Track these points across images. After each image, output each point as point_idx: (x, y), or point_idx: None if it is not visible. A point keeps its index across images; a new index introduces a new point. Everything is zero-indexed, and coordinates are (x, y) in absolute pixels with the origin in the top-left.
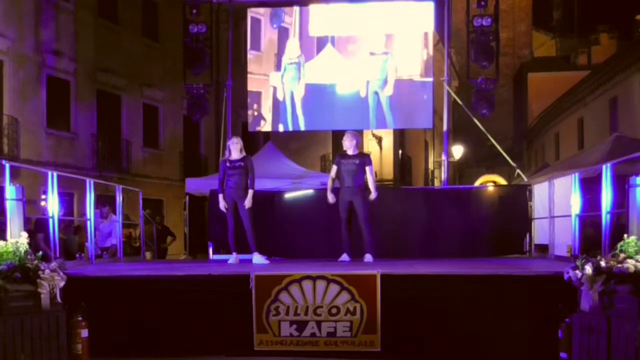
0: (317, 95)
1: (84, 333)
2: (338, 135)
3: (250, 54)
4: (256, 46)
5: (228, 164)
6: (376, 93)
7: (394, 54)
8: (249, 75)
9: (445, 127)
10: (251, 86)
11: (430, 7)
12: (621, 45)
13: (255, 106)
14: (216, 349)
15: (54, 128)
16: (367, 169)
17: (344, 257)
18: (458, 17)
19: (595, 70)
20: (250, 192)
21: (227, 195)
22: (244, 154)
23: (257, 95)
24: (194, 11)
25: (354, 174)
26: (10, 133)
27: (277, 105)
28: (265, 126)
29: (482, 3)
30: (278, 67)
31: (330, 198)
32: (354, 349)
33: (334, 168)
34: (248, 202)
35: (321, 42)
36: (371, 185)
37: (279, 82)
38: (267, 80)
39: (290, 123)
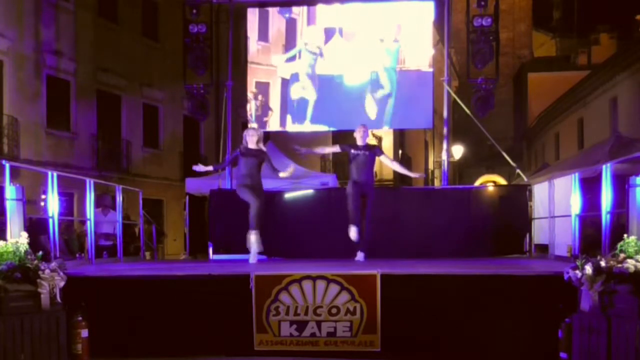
0: (324, 86)
1: (84, 333)
2: (338, 136)
3: (258, 45)
4: (264, 37)
5: (243, 151)
6: (382, 84)
7: (403, 43)
8: (255, 66)
9: (445, 127)
10: (258, 77)
11: (430, 6)
12: (621, 45)
13: (260, 97)
14: (216, 349)
15: (54, 128)
16: (382, 158)
17: (353, 231)
18: (458, 17)
19: (595, 70)
20: (280, 174)
21: (240, 183)
22: (260, 146)
23: (265, 86)
24: (194, 11)
25: (364, 167)
26: (10, 133)
27: (285, 97)
28: (273, 116)
29: (482, 3)
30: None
31: (304, 150)
32: (354, 349)
33: (337, 147)
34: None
35: (329, 32)
36: (401, 170)
37: (286, 72)
38: (275, 70)
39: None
